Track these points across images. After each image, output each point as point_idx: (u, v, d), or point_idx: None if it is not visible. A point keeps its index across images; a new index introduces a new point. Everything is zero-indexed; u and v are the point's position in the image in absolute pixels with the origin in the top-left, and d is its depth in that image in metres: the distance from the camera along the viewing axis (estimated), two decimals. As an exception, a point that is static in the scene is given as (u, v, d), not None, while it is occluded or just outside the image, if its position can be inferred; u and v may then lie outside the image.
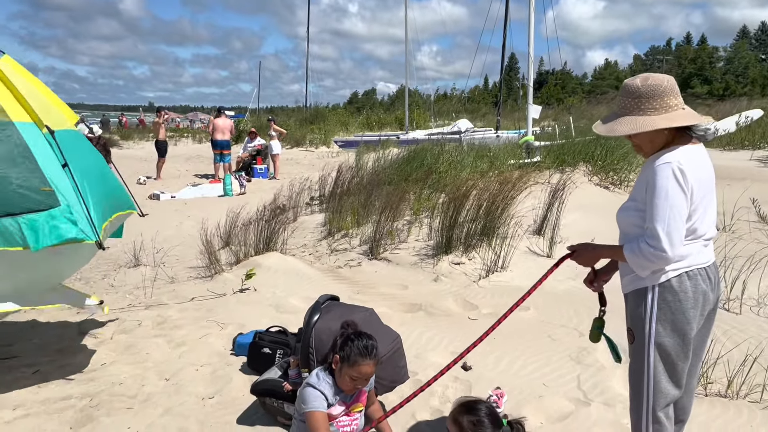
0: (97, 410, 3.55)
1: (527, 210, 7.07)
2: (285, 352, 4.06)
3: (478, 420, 2.34)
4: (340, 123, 34.74)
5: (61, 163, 3.48)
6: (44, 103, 3.94)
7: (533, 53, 14.86)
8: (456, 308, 5.31)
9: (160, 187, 14.54)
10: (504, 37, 21.67)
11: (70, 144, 3.73)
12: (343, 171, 10.15)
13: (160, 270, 6.83)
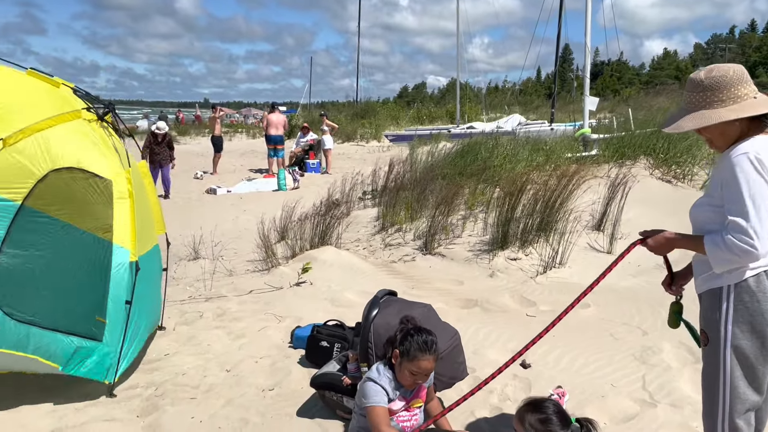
0: (162, 399, 3.65)
1: (586, 205, 6.90)
2: (342, 346, 4.08)
3: (546, 418, 2.29)
4: (390, 117, 34.74)
5: (127, 299, 3.56)
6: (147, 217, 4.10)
7: (590, 43, 14.49)
8: (513, 305, 5.23)
9: (216, 181, 14.88)
10: (559, 27, 21.17)
11: (145, 268, 3.80)
12: (395, 165, 10.14)
13: (219, 263, 6.98)
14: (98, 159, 3.60)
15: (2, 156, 3.25)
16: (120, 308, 3.54)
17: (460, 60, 28.75)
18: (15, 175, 3.28)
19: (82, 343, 3.43)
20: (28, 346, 3.28)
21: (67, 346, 3.40)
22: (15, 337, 3.24)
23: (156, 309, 4.54)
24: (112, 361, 3.54)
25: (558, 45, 22.01)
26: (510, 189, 6.90)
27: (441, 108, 40.68)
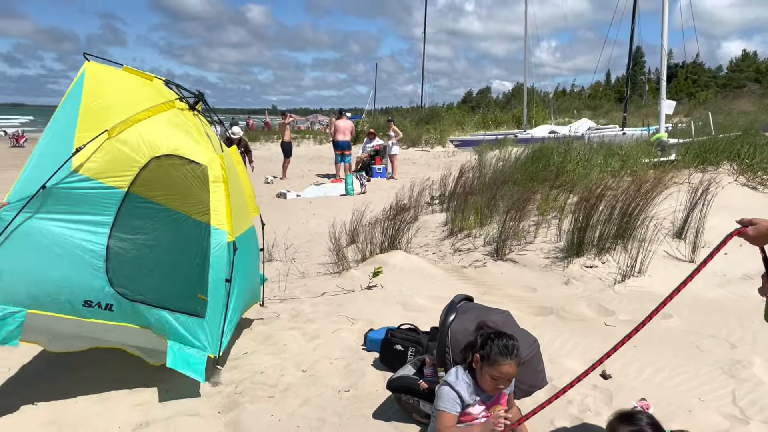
0: (242, 397, 3.75)
1: (666, 212, 6.63)
2: (417, 350, 4.07)
3: (639, 430, 2.21)
4: (455, 122, 34.56)
5: (227, 277, 3.71)
6: (241, 200, 4.30)
7: (666, 45, 13.98)
8: (590, 313, 5.08)
9: (286, 186, 15.20)
10: (632, 29, 20.53)
11: (243, 249, 3.98)
12: (464, 170, 10.07)
13: (292, 265, 7.11)
14: (193, 146, 3.76)
15: (107, 147, 3.46)
16: (220, 287, 3.69)
17: (527, 64, 28.31)
18: (120, 164, 3.48)
19: (187, 319, 3.62)
20: (140, 320, 3.55)
21: (174, 322, 3.60)
22: (127, 313, 3.51)
23: (255, 286, 4.79)
24: (215, 336, 3.71)
25: (631, 47, 21.33)
26: (585, 195, 6.72)
27: (507, 113, 40.16)
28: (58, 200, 3.35)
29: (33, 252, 3.28)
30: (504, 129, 31.62)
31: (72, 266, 3.35)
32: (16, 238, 3.25)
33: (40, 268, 3.29)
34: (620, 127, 20.91)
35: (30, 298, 3.29)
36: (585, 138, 14.64)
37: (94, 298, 3.40)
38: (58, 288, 3.33)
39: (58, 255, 3.32)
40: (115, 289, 3.45)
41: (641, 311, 4.96)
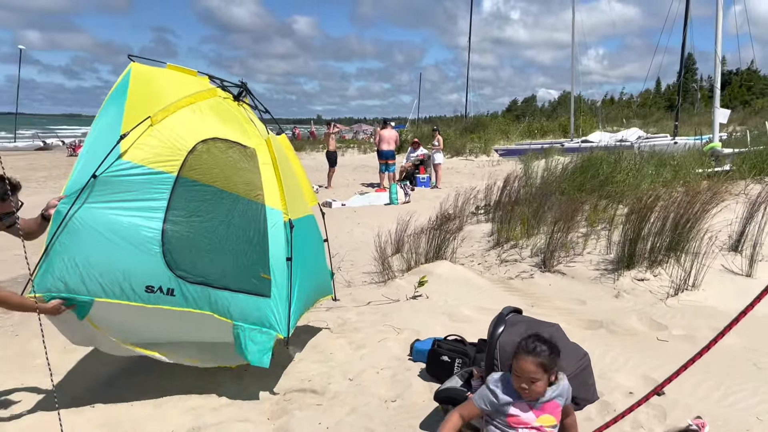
0: (291, 404, 3.79)
1: (721, 224, 6.42)
2: (464, 362, 4.05)
3: None
4: (500, 131, 34.28)
5: (287, 256, 3.72)
6: (295, 186, 4.28)
7: (720, 52, 13.59)
8: (641, 327, 4.96)
9: (331, 195, 15.34)
10: (684, 36, 20.03)
11: (302, 232, 4.00)
12: (510, 180, 9.98)
13: (338, 274, 7.17)
14: (238, 130, 3.83)
15: (152, 132, 3.53)
16: (282, 265, 3.69)
17: (574, 72, 27.89)
18: (166, 149, 3.54)
19: (252, 299, 3.59)
20: (203, 304, 3.50)
21: (238, 302, 3.56)
22: (189, 296, 3.48)
23: (323, 278, 4.67)
24: (282, 316, 3.67)
25: (683, 54, 20.84)
26: (636, 206, 6.57)
27: (553, 121, 39.61)
28: (110, 188, 3.39)
29: (91, 241, 3.32)
30: (550, 138, 31.21)
31: (130, 252, 3.36)
32: (74, 229, 3.32)
33: (99, 256, 3.32)
34: (671, 136, 20.38)
35: (94, 287, 3.32)
36: (635, 147, 14.33)
37: (155, 283, 3.38)
38: (119, 274, 3.34)
39: (114, 242, 3.34)
40: (175, 273, 3.42)
41: (696, 326, 4.83)
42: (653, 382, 3.91)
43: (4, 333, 5.22)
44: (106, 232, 3.34)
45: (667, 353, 4.40)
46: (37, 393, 4.01)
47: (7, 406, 3.81)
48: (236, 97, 4.23)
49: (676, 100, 23.53)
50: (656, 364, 4.17)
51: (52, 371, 3.39)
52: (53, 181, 18.94)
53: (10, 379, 4.27)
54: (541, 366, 2.70)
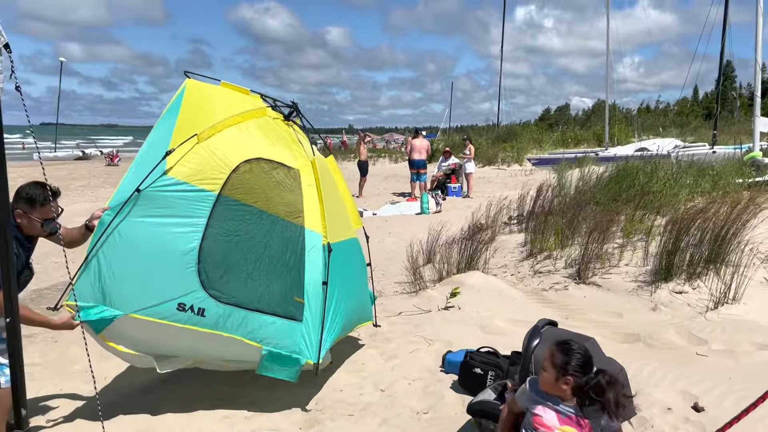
0: (322, 414, 3.80)
1: (763, 236, 6.24)
2: (497, 374, 4.00)
3: None
4: (533, 140, 33.94)
5: (323, 280, 3.68)
6: (339, 208, 4.26)
7: (760, 59, 13.28)
8: (680, 341, 4.84)
9: (362, 204, 15.37)
10: (722, 43, 19.55)
11: (343, 255, 3.96)
12: (543, 189, 9.86)
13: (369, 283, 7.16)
14: (284, 150, 3.84)
15: (197, 150, 3.58)
16: (317, 289, 3.65)
17: (608, 80, 27.49)
18: (211, 168, 3.57)
19: (283, 323, 3.54)
20: (232, 327, 3.47)
21: (269, 326, 3.52)
22: (220, 318, 3.46)
23: (363, 303, 4.59)
24: (314, 341, 3.60)
25: (721, 61, 20.34)
26: (674, 216, 6.43)
27: (587, 130, 39.08)
28: (152, 203, 3.44)
29: (129, 254, 3.37)
30: (584, 147, 30.77)
31: (166, 268, 3.40)
32: (114, 241, 3.39)
33: (136, 269, 3.37)
34: (710, 145, 19.91)
35: (127, 300, 3.36)
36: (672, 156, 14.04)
37: (187, 301, 3.39)
38: (153, 289, 3.38)
39: (152, 257, 3.39)
40: (208, 292, 3.42)
41: (737, 341, 4.69)
42: (692, 398, 3.81)
43: (44, 339, 5.35)
44: (145, 247, 3.39)
45: (707, 368, 4.29)
46: (76, 399, 4.09)
47: (45, 411, 3.89)
48: (286, 117, 4.24)
49: (714, 108, 22.98)
50: (696, 380, 4.06)
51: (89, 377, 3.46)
52: (91, 190, 19.40)
53: (49, 384, 4.37)
54: (552, 357, 2.68)
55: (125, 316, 3.38)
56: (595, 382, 2.64)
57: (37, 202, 3.22)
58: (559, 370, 2.66)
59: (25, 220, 3.23)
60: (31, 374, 4.49)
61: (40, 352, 5.05)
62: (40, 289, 6.92)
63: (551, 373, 2.67)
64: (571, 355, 2.67)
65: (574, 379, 2.66)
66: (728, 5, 18.97)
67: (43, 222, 3.26)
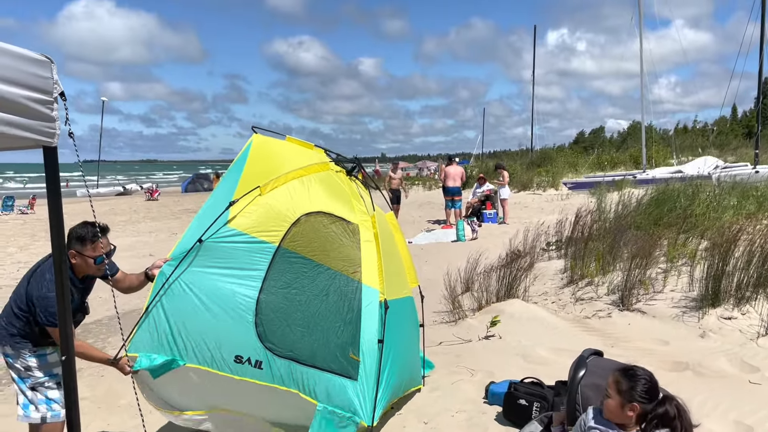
0: (366, 448, 3.76)
1: (814, 258, 6.03)
2: (542, 406, 3.93)
3: None
4: (568, 164, 33.60)
5: (379, 338, 3.60)
6: (397, 265, 4.24)
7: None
8: (731, 369, 4.69)
9: (397, 233, 15.37)
10: (760, 60, 19.25)
11: (399, 314, 3.90)
12: (581, 214, 9.73)
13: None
14: (344, 205, 3.87)
15: (259, 202, 3.65)
16: (373, 347, 3.56)
17: (643, 101, 27.17)
18: (271, 220, 3.62)
19: (338, 380, 3.46)
20: (288, 380, 3.42)
21: (324, 382, 3.44)
22: (276, 372, 3.41)
23: (415, 368, 4.44)
24: (368, 402, 3.49)
25: (760, 78, 20.00)
26: (719, 239, 6.27)
27: (623, 153, 38.54)
28: (213, 253, 3.50)
29: (189, 304, 3.42)
30: (621, 170, 30.32)
31: (224, 319, 3.40)
32: (175, 292, 3.44)
33: (195, 320, 3.40)
34: (752, 165, 19.44)
35: (187, 350, 3.39)
36: (713, 178, 13.74)
37: (244, 353, 3.38)
38: (212, 341, 3.38)
39: (211, 308, 3.42)
40: (265, 345, 3.39)
41: (792, 368, 4.51)
42: (747, 428, 3.69)
43: (91, 374, 5.46)
44: (205, 298, 3.43)
45: (761, 397, 4.14)
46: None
47: (95, 445, 3.96)
48: (349, 173, 4.29)
49: (755, 126, 22.47)
50: (749, 409, 3.93)
51: (135, 412, 3.52)
52: (132, 225, 19.86)
53: (96, 419, 4.45)
54: (617, 384, 2.65)
55: (183, 366, 3.40)
56: (663, 411, 2.60)
57: (87, 240, 3.31)
58: (624, 396, 2.61)
59: (78, 259, 3.32)
60: (81, 408, 4.58)
61: (87, 386, 5.15)
62: (86, 323, 7.08)
63: (616, 400, 2.63)
64: (637, 381, 2.64)
65: (640, 406, 2.62)
66: (765, 22, 18.70)
67: (95, 259, 3.35)
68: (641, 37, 25.81)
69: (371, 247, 3.79)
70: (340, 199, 3.90)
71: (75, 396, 2.39)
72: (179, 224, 19.71)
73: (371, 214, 3.96)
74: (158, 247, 14.59)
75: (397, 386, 3.88)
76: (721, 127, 44.52)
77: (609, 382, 2.69)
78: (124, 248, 14.49)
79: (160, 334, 3.42)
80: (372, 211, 4.02)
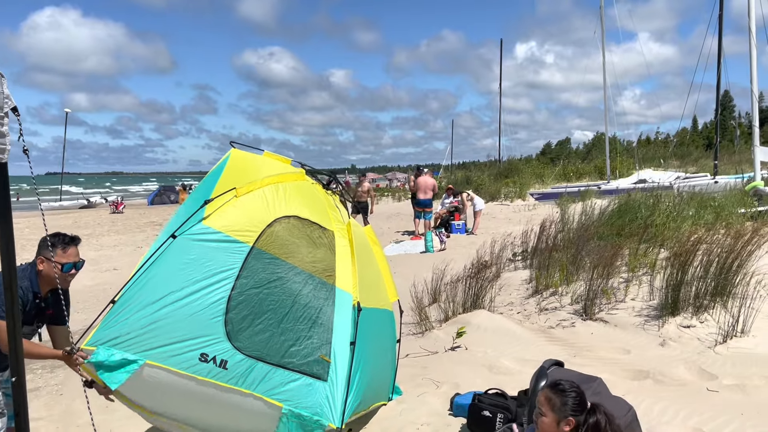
0: (330, 462, 3.73)
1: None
2: (505, 417, 3.96)
3: None
4: (535, 175, 34.11)
5: (351, 340, 3.57)
6: (374, 276, 4.21)
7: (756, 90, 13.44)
8: (690, 377, 4.79)
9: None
10: (718, 73, 19.79)
11: (373, 323, 3.88)
12: (546, 225, 9.87)
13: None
14: (319, 212, 3.88)
15: (235, 204, 3.65)
16: (344, 349, 3.54)
17: (608, 113, 27.75)
18: (247, 221, 3.60)
19: (308, 381, 3.41)
20: (253, 382, 3.35)
21: (292, 383, 3.40)
22: (242, 373, 3.34)
23: (386, 379, 4.37)
24: (338, 404, 3.44)
25: (718, 91, 20.55)
26: (678, 249, 6.42)
27: (588, 164, 39.28)
28: (185, 250, 3.45)
29: (158, 299, 3.35)
30: (586, 180, 30.89)
31: (193, 315, 3.34)
32: (144, 285, 3.37)
33: (163, 315, 3.32)
34: (712, 176, 19.99)
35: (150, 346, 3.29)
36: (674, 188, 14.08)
37: (210, 352, 3.30)
38: (177, 336, 3.31)
39: (180, 303, 3.35)
40: (233, 344, 3.34)
41: (747, 375, 4.64)
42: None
43: (49, 392, 5.32)
44: (175, 292, 3.37)
45: (719, 404, 4.24)
46: (80, 453, 4.05)
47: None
48: (325, 186, 4.30)
49: (714, 138, 23.12)
50: (708, 416, 4.02)
51: (96, 431, 3.43)
52: (96, 238, 19.44)
53: (55, 439, 4.33)
54: (549, 401, 2.68)
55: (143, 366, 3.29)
56: (594, 421, 2.65)
57: (57, 245, 3.37)
58: (559, 412, 2.65)
59: (45, 266, 3.35)
60: (36, 429, 4.47)
61: (45, 406, 5.02)
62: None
63: (551, 417, 2.67)
64: (568, 395, 2.68)
65: (575, 419, 2.66)
66: (722, 37, 19.30)
67: (63, 266, 3.36)
68: (603, 51, 26.45)
69: (346, 253, 3.80)
70: (316, 207, 3.91)
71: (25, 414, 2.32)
72: (144, 237, 19.38)
73: (346, 223, 3.99)
74: (122, 261, 14.32)
75: (366, 394, 3.82)
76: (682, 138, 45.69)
77: (540, 401, 2.72)
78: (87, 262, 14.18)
79: (125, 327, 3.31)
80: (347, 221, 4.04)
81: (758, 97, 13.53)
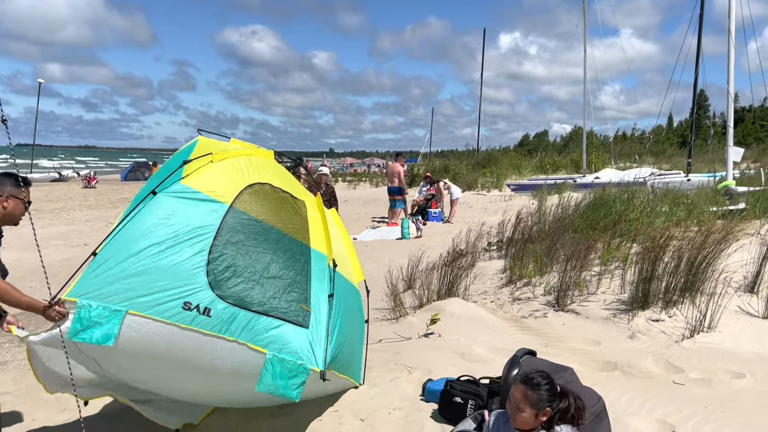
0: (301, 444, 3.76)
1: (736, 264, 6.37)
2: (477, 403, 4.01)
3: None
4: (512, 166, 34.35)
5: (329, 293, 3.69)
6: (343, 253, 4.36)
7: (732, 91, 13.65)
8: (657, 370, 4.89)
9: (342, 229, 15.33)
10: (696, 73, 20.09)
11: (343, 290, 3.98)
12: (522, 216, 9.96)
13: (349, 310, 7.14)
14: (290, 184, 4.04)
15: (211, 168, 3.76)
16: (323, 301, 3.66)
17: (587, 107, 28.01)
18: (224, 182, 3.73)
19: (290, 327, 3.47)
20: (237, 330, 3.38)
21: (275, 329, 3.44)
22: (225, 320, 3.36)
23: (358, 356, 4.45)
24: (321, 350, 3.50)
25: (695, 91, 20.86)
26: (649, 245, 6.54)
27: (565, 157, 39.67)
28: (165, 206, 3.51)
29: (138, 250, 3.36)
30: (562, 173, 31.23)
31: (175, 267, 3.38)
32: (123, 239, 3.38)
33: (142, 266, 3.34)
34: (685, 173, 20.34)
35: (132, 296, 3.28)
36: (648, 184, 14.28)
37: (193, 300, 3.33)
38: (159, 286, 3.32)
39: (161, 254, 3.38)
40: (215, 292, 3.38)
41: (712, 370, 4.75)
42: (669, 427, 3.85)
43: (17, 366, 5.24)
44: (156, 245, 3.40)
45: (684, 397, 4.34)
46: (50, 429, 4.01)
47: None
48: (290, 169, 4.46)
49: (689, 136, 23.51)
50: (673, 408, 4.11)
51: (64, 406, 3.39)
52: (66, 213, 19.10)
53: (21, 415, 4.27)
54: (526, 398, 2.73)
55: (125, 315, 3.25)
56: (566, 405, 2.75)
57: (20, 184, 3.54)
58: (537, 406, 2.71)
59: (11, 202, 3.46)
60: (3, 403, 4.40)
61: (12, 380, 4.94)
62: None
63: (529, 412, 2.72)
64: (542, 388, 2.75)
65: (551, 409, 2.72)
66: (701, 37, 19.55)
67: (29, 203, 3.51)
68: (585, 45, 26.63)
69: (318, 220, 3.96)
70: (287, 180, 4.06)
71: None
72: (117, 213, 19.10)
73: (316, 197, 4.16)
74: (94, 236, 14.09)
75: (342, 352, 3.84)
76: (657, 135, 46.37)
77: (517, 397, 2.78)
78: (56, 236, 13.93)
79: (105, 279, 3.28)
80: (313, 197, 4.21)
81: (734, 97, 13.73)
